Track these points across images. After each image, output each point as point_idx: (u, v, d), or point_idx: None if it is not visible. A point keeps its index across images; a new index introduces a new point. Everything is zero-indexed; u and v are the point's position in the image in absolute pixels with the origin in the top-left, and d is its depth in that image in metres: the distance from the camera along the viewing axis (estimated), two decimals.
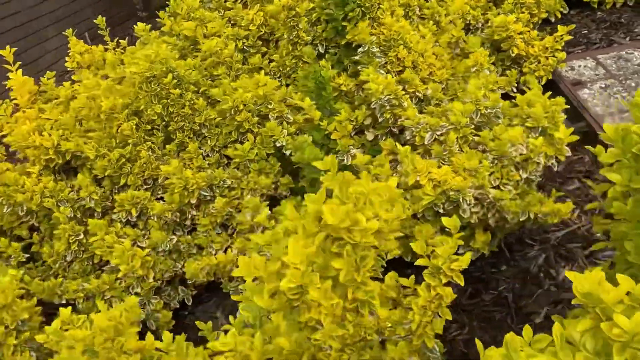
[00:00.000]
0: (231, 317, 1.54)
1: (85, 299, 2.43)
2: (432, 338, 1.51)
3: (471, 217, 2.06)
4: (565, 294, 2.36)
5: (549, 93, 2.33)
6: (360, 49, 2.57)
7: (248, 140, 2.66)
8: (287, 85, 2.91)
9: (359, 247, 1.20)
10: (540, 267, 2.47)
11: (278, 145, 2.64)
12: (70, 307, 2.38)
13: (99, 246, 2.40)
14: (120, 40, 3.13)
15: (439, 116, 2.40)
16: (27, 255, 2.59)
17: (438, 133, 2.26)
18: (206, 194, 2.48)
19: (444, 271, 1.49)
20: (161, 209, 2.43)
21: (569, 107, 2.40)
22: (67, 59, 3.09)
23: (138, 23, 3.13)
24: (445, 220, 1.49)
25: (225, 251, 2.57)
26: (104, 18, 3.03)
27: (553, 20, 3.78)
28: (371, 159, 2.38)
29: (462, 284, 1.49)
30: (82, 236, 2.52)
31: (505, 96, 2.88)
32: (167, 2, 3.16)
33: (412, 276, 1.64)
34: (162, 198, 2.60)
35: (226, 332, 1.44)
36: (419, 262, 1.53)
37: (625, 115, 2.92)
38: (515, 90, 2.88)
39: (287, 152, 2.64)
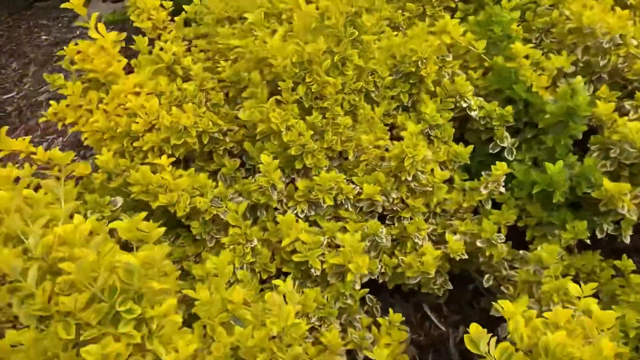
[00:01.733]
0: None
1: None
2: None
3: None
4: None
5: None
6: None
7: (423, 102, 2.16)
8: None
9: None
10: None
11: (464, 105, 2.18)
12: None
13: (301, 250, 1.74)
14: None
15: None
16: None
17: None
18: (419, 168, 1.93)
19: None
20: (373, 191, 1.82)
21: None
22: (133, 17, 2.28)
23: None
24: None
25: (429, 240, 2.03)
26: None
27: None
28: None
29: None
30: (255, 242, 1.82)
31: None
32: None
33: None
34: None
35: None
36: None
37: None
38: None
39: (473, 113, 2.20)
